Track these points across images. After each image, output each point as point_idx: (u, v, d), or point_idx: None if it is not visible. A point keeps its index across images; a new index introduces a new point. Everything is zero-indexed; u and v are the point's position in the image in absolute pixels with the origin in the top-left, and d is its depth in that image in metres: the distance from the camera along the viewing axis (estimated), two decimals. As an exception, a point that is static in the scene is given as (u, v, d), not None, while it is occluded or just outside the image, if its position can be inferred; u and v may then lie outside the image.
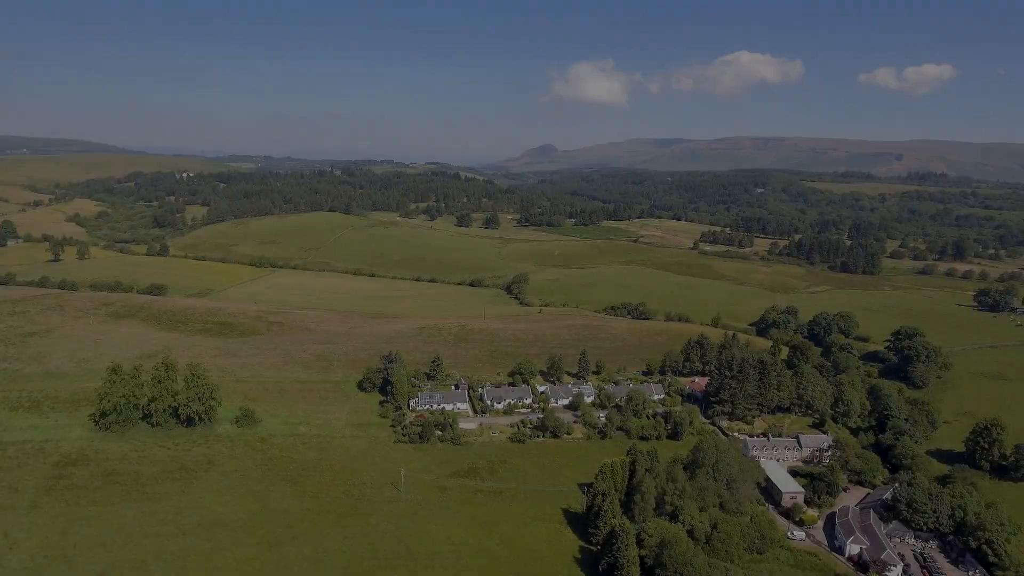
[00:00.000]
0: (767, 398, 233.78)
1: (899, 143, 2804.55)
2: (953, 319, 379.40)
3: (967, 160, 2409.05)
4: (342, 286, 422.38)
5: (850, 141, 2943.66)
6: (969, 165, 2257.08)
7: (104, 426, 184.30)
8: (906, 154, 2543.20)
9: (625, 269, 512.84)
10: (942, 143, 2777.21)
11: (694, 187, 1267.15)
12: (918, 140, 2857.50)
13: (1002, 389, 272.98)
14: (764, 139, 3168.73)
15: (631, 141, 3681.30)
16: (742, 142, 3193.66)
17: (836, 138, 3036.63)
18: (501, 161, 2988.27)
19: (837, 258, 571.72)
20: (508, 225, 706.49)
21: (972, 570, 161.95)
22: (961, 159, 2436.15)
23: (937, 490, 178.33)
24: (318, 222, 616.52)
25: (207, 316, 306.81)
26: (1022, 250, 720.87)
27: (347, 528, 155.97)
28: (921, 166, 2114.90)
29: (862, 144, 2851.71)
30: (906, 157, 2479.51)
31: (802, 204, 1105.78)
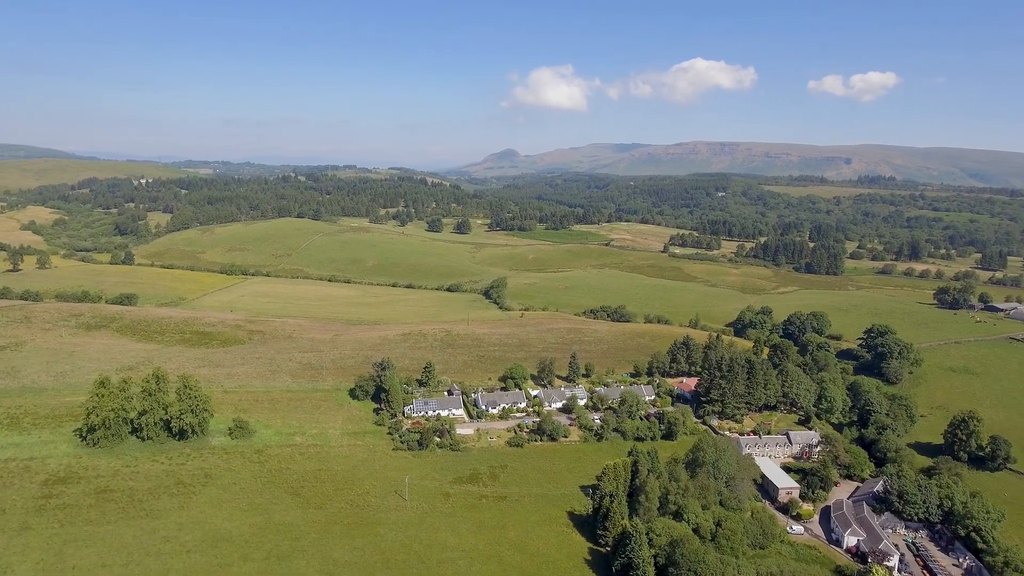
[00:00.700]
0: (755, 397, 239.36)
1: (847, 147, 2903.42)
2: (916, 317, 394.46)
3: (911, 164, 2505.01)
4: (318, 293, 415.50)
5: (802, 146, 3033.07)
6: (913, 168, 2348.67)
7: (92, 441, 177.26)
8: (854, 158, 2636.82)
9: (599, 272, 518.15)
10: (887, 147, 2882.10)
11: (657, 191, 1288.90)
12: (865, 145, 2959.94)
13: (970, 383, 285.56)
14: (720, 144, 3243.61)
15: (591, 146, 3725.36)
16: (699, 147, 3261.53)
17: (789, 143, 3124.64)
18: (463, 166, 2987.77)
19: (801, 259, 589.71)
20: (479, 230, 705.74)
21: (961, 556, 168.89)
22: (905, 163, 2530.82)
23: (925, 481, 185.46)
24: (287, 228, 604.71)
25: (184, 326, 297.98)
26: (970, 250, 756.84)
27: (355, 539, 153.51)
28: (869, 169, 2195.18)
29: (813, 149, 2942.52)
30: (854, 161, 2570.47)
31: (761, 207, 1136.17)
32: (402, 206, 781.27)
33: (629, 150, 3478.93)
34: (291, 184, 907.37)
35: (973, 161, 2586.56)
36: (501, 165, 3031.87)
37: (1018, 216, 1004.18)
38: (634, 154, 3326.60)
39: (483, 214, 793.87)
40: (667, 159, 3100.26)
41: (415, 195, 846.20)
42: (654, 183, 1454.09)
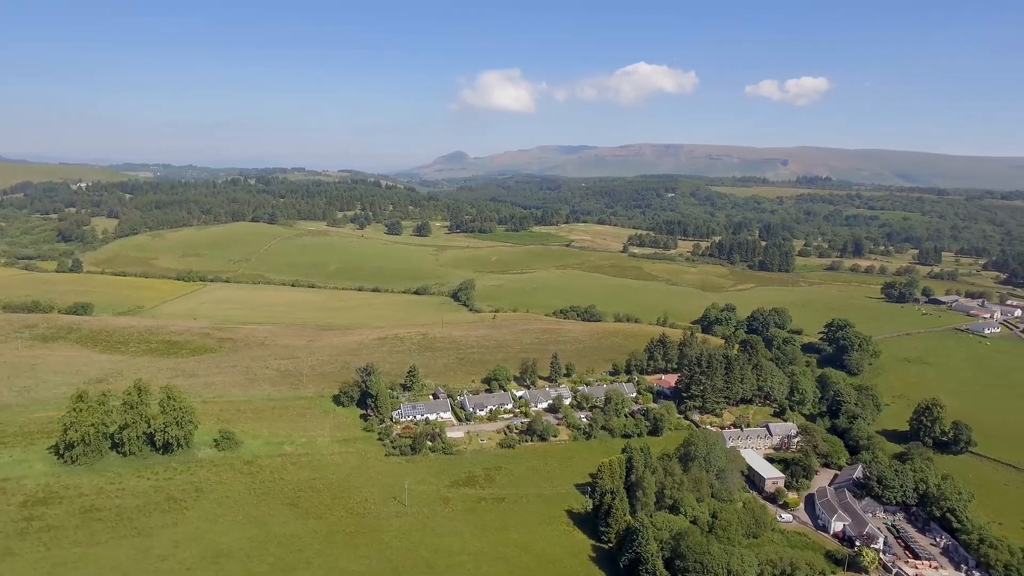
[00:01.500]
0: (733, 391, 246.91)
1: (785, 149, 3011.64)
2: (868, 311, 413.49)
3: (844, 165, 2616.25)
4: (283, 298, 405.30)
5: (742, 148, 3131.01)
6: (846, 169, 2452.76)
7: (70, 459, 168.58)
8: (791, 160, 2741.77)
9: (562, 273, 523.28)
10: (822, 149, 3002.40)
11: (609, 192, 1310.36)
12: (801, 147, 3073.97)
13: (925, 372, 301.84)
14: (665, 146, 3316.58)
15: (539, 148, 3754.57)
16: (644, 149, 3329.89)
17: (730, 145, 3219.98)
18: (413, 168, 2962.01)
19: (755, 257, 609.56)
20: (439, 232, 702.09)
21: (938, 536, 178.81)
22: (839, 164, 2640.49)
23: (900, 467, 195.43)
24: (242, 233, 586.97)
25: (148, 335, 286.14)
26: (906, 246, 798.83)
27: (359, 547, 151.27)
28: (805, 171, 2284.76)
29: (752, 151, 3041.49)
30: (792, 162, 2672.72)
31: (710, 207, 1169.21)
32: (359, 209, 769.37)
33: (577, 152, 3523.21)
34: (242, 187, 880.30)
35: (901, 162, 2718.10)
36: (451, 167, 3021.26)
37: (946, 214, 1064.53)
38: (582, 156, 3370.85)
39: (441, 216, 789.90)
40: (614, 161, 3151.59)
41: (371, 198, 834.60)
42: (605, 184, 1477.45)
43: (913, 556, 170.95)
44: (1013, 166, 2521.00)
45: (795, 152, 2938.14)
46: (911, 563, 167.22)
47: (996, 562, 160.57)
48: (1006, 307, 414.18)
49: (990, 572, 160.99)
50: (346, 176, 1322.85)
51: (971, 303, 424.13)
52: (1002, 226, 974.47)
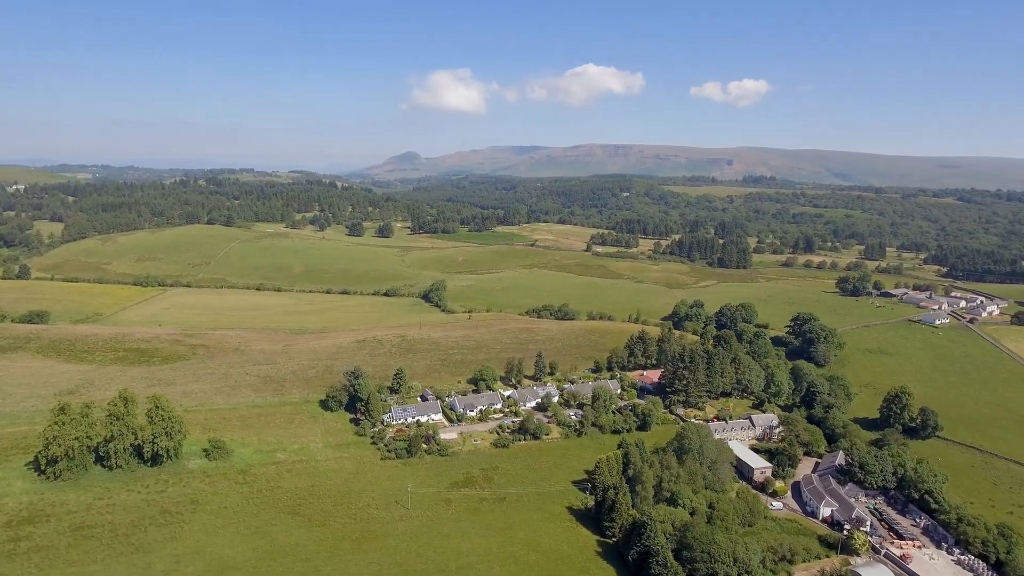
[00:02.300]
0: (714, 385, 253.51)
1: (729, 149, 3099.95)
2: (826, 304, 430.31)
3: (784, 164, 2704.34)
4: (249, 302, 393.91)
5: (689, 148, 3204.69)
6: (786, 169, 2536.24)
7: (53, 475, 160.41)
8: (735, 159, 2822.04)
9: (530, 272, 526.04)
10: (763, 149, 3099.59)
11: (565, 192, 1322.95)
12: (744, 147, 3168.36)
13: (886, 362, 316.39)
14: (615, 146, 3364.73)
15: (491, 148, 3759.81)
16: (595, 149, 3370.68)
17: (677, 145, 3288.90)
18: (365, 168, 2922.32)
19: (713, 255, 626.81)
20: (401, 233, 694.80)
21: (917, 517, 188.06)
22: (779, 163, 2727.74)
23: (879, 452, 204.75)
24: (199, 235, 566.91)
25: (115, 343, 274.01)
26: (852, 243, 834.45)
27: (368, 553, 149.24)
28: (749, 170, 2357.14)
29: (698, 151, 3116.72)
30: (736, 162, 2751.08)
31: (664, 206, 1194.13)
32: (317, 210, 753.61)
33: (528, 152, 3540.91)
34: (192, 189, 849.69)
35: (836, 162, 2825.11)
36: (403, 168, 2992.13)
37: (885, 211, 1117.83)
38: (534, 156, 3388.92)
39: (401, 217, 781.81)
40: (565, 161, 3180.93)
41: (329, 199, 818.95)
42: (560, 184, 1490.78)
43: (897, 537, 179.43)
44: (939, 165, 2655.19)
45: (738, 152, 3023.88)
46: (896, 543, 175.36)
47: (974, 539, 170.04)
48: (951, 299, 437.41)
49: (969, 548, 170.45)
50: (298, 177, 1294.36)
51: (920, 295, 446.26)
52: (936, 222, 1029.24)
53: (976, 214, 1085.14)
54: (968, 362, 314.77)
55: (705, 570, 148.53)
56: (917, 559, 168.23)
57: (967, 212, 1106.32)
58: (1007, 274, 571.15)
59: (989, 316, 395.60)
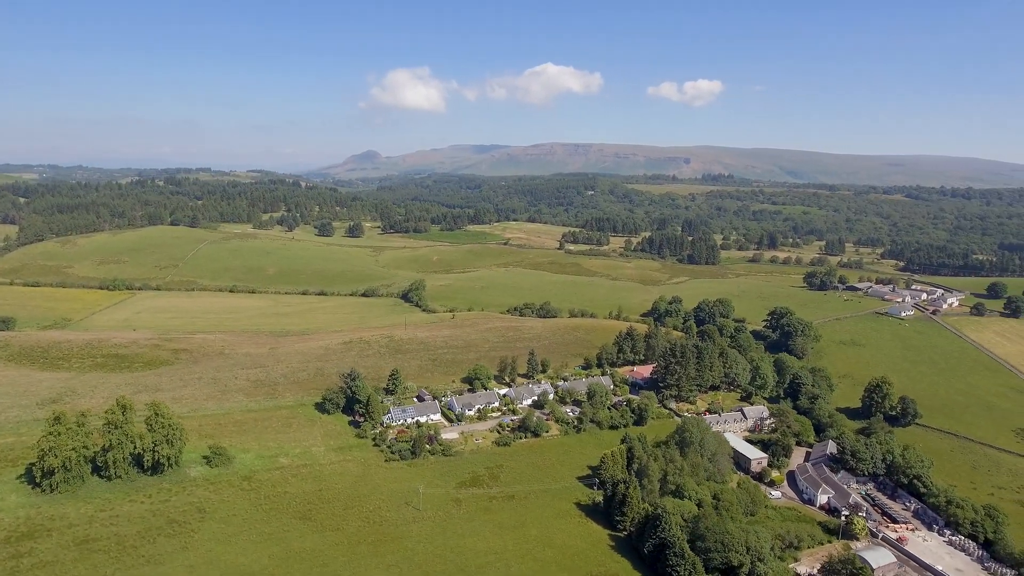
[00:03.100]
0: (704, 379, 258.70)
1: (685, 148, 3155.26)
2: (797, 299, 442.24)
3: (738, 163, 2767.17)
4: (225, 305, 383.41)
5: (647, 147, 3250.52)
6: (740, 167, 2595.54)
7: (49, 487, 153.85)
8: (692, 158, 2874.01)
9: (506, 271, 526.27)
10: (719, 148, 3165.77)
11: (531, 191, 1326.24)
12: (700, 146, 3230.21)
13: (860, 353, 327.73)
14: (575, 145, 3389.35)
15: (452, 147, 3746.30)
16: (555, 148, 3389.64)
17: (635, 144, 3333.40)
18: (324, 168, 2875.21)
19: (683, 251, 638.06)
20: (372, 233, 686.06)
21: (907, 501, 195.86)
22: (734, 162, 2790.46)
23: (868, 440, 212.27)
24: (165, 237, 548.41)
25: (92, 349, 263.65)
26: (811, 239, 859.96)
27: (385, 556, 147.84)
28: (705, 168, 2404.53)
29: (656, 149, 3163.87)
30: (693, 161, 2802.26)
31: (628, 204, 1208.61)
32: (284, 210, 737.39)
33: (489, 151, 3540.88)
34: (152, 189, 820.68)
35: (789, 160, 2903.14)
36: (363, 167, 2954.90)
37: (839, 208, 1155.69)
38: (494, 155, 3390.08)
39: (370, 216, 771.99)
40: (527, 160, 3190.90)
41: (295, 199, 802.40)
42: (525, 183, 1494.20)
43: (891, 521, 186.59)
44: (885, 164, 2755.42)
45: (695, 151, 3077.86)
46: (891, 527, 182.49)
47: (964, 520, 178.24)
48: (913, 292, 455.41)
49: (959, 529, 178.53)
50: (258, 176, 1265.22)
51: (884, 289, 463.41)
52: (888, 218, 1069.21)
53: (924, 210, 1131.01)
54: (935, 352, 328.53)
55: (719, 559, 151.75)
56: (912, 541, 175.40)
57: (916, 208, 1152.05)
58: (960, 267, 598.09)
59: (950, 308, 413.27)
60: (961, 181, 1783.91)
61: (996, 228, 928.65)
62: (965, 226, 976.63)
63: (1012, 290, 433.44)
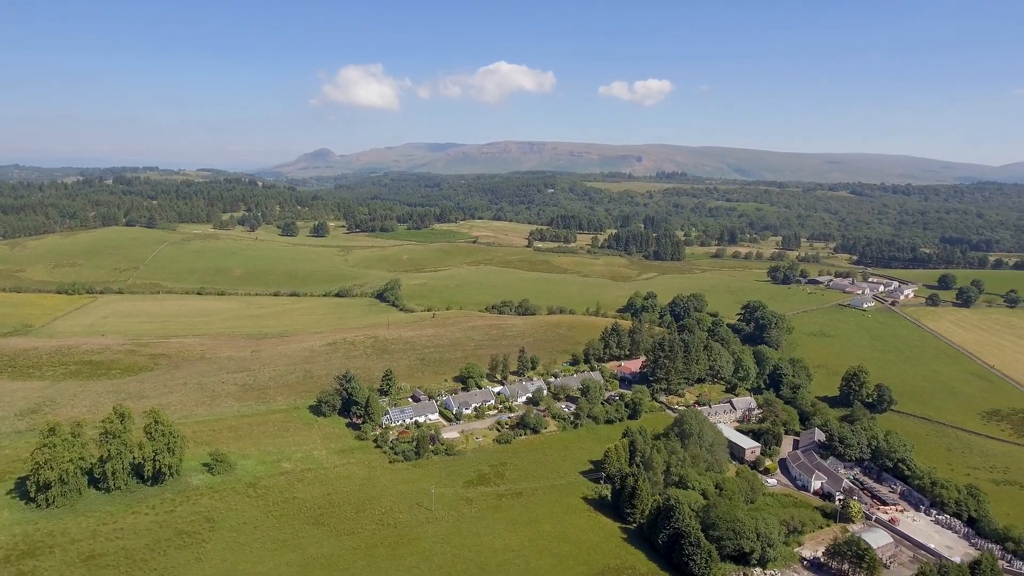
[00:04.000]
0: (692, 372, 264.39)
1: (637, 147, 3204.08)
2: (764, 292, 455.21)
3: (688, 161, 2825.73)
4: (194, 308, 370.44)
5: (600, 145, 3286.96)
6: (691, 165, 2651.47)
7: (45, 501, 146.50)
8: (644, 156, 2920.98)
9: (477, 269, 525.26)
10: (670, 146, 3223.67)
11: (491, 189, 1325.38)
12: (651, 144, 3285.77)
13: (831, 344, 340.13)
14: (529, 143, 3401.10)
15: (406, 145, 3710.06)
16: (510, 146, 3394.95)
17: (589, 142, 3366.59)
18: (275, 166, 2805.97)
19: (649, 248, 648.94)
20: (337, 232, 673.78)
21: (893, 484, 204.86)
22: (684, 160, 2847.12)
23: (853, 427, 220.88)
24: (122, 238, 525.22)
25: (61, 356, 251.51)
26: (767, 234, 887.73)
27: (405, 558, 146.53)
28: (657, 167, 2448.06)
29: (609, 148, 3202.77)
30: (645, 159, 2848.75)
31: (588, 202, 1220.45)
32: (244, 210, 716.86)
33: (444, 149, 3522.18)
34: (101, 189, 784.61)
35: (735, 158, 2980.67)
36: (316, 165, 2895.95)
37: (790, 204, 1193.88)
38: (449, 153, 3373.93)
39: (333, 216, 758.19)
40: (482, 158, 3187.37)
41: (255, 198, 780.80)
42: (485, 181, 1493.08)
43: (881, 503, 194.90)
44: (825, 161, 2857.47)
45: (647, 149, 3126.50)
46: (882, 509, 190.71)
47: (948, 500, 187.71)
48: (871, 284, 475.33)
49: (944, 508, 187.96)
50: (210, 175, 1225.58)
51: (844, 282, 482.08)
52: (836, 214, 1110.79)
53: (869, 206, 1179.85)
54: (899, 341, 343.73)
55: (732, 547, 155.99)
56: (903, 522, 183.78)
57: (861, 204, 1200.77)
58: (909, 260, 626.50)
59: (906, 299, 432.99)
60: (898, 178, 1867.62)
61: (936, 223, 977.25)
62: (908, 221, 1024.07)
63: (961, 281, 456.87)
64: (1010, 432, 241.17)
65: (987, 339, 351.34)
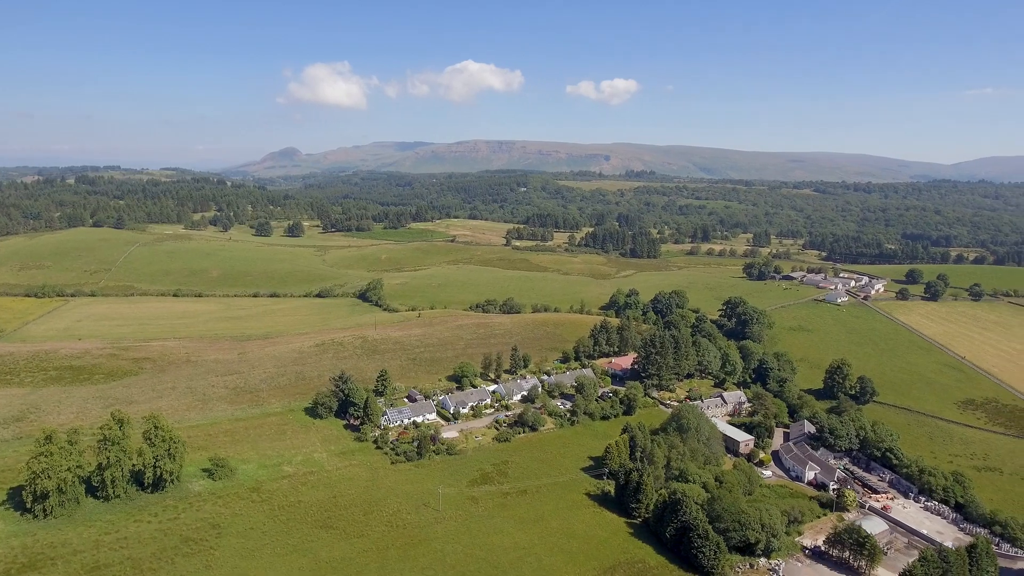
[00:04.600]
0: (682, 368, 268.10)
1: (605, 145, 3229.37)
2: (741, 288, 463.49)
3: (655, 159, 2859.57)
4: (173, 310, 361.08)
5: (569, 144, 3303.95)
6: (658, 163, 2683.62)
7: (43, 512, 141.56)
8: (612, 155, 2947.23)
9: (457, 268, 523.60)
10: (637, 145, 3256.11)
11: (464, 188, 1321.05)
12: (619, 143, 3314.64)
13: (810, 338, 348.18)
14: (498, 142, 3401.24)
15: (374, 144, 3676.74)
16: (479, 145, 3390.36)
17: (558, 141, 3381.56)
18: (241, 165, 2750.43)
19: (625, 246, 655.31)
20: (312, 232, 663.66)
21: (882, 473, 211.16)
22: (652, 159, 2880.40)
23: (842, 419, 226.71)
24: (90, 239, 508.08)
25: (40, 362, 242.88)
26: (737, 231, 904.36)
27: (418, 559, 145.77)
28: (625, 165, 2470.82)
29: (578, 147, 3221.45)
30: (612, 158, 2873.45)
31: (561, 200, 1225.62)
32: (215, 210, 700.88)
33: (413, 148, 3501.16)
34: (63, 188, 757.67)
35: (701, 157, 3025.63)
36: (283, 164, 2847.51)
37: (757, 202, 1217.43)
38: (418, 152, 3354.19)
39: (306, 215, 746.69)
40: (451, 157, 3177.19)
41: (226, 198, 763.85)
42: (456, 180, 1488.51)
43: (872, 492, 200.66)
44: (788, 160, 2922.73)
45: (614, 148, 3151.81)
46: (873, 497, 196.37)
47: (936, 487, 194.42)
48: (843, 279, 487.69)
49: (932, 495, 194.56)
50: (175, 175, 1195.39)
51: (817, 277, 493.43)
52: (802, 211, 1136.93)
53: (833, 203, 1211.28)
54: (875, 335, 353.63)
55: (738, 538, 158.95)
56: (894, 509, 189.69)
57: (825, 202, 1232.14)
58: (876, 256, 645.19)
59: (877, 293, 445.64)
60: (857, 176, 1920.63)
61: (897, 219, 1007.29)
62: (870, 218, 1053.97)
63: (927, 276, 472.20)
64: (985, 420, 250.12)
65: (956, 331, 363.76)
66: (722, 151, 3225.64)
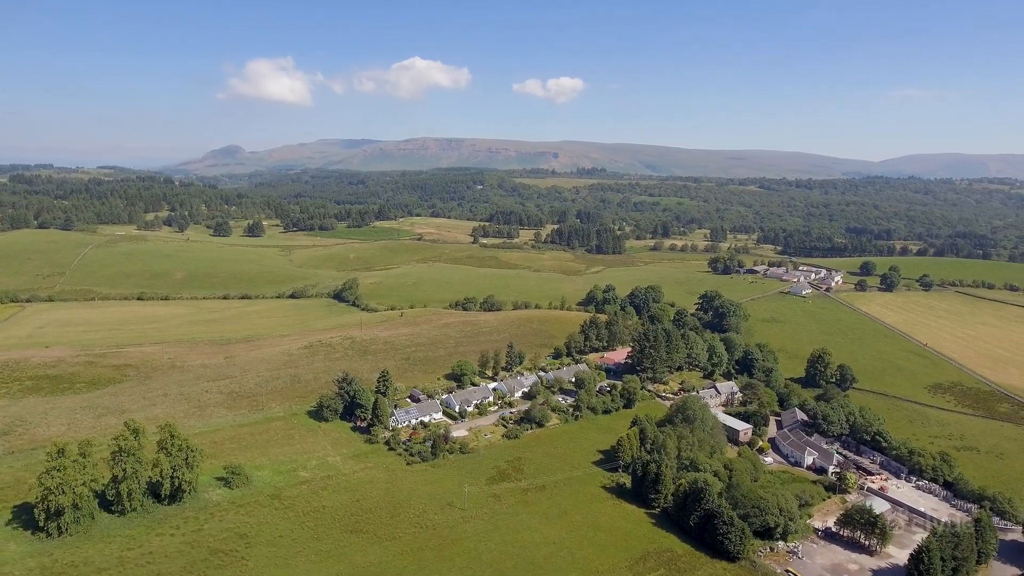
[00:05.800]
0: (673, 360, 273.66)
1: (553, 143, 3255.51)
2: (708, 282, 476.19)
3: (603, 157, 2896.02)
4: (141, 315, 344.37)
5: (517, 142, 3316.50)
6: (605, 161, 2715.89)
7: (57, 529, 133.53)
8: (560, 152, 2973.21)
9: (429, 267, 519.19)
10: (584, 143, 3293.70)
11: (419, 186, 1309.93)
12: (566, 141, 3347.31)
13: (783, 329, 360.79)
14: (447, 140, 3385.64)
15: (320, 142, 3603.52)
16: (428, 143, 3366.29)
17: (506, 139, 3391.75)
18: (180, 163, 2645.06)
19: (591, 242, 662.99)
20: (273, 232, 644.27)
21: (872, 455, 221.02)
22: (599, 156, 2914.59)
23: (832, 405, 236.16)
24: (39, 242, 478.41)
25: (12, 372, 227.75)
26: (693, 227, 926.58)
27: (454, 559, 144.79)
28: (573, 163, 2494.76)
29: (526, 144, 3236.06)
30: (560, 155, 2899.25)
31: (518, 198, 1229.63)
32: (168, 210, 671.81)
33: (360, 145, 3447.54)
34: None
35: (647, 155, 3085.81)
36: (226, 162, 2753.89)
37: (708, 198, 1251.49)
38: (366, 150, 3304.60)
39: (264, 215, 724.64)
40: (399, 154, 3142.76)
41: (178, 197, 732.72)
42: (410, 178, 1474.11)
43: (867, 474, 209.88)
44: (728, 157, 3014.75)
45: (562, 146, 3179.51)
46: (869, 479, 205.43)
47: (926, 466, 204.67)
48: (803, 272, 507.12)
49: (922, 475, 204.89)
50: (113, 173, 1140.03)
51: (779, 271, 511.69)
52: (751, 207, 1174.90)
53: (778, 199, 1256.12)
54: (842, 325, 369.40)
55: (759, 523, 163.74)
56: (890, 489, 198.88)
57: (771, 198, 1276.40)
58: (828, 249, 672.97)
59: (837, 285, 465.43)
60: (795, 173, 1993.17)
61: (840, 214, 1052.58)
62: (815, 213, 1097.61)
63: (880, 268, 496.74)
64: (955, 403, 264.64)
65: (913, 319, 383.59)
66: (666, 149, 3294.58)
